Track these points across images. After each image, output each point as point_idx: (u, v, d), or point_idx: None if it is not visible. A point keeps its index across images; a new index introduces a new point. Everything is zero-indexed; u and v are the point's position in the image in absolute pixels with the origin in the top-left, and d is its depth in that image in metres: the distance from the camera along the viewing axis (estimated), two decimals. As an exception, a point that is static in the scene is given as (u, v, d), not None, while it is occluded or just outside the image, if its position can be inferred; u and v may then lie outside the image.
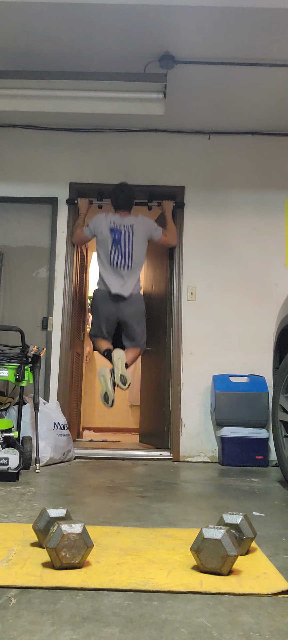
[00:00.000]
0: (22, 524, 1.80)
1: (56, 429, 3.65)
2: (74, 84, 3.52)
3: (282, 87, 3.90)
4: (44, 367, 4.18)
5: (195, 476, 3.31)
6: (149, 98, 3.59)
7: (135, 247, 3.99)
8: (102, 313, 3.98)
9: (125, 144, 4.59)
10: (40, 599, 1.13)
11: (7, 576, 1.25)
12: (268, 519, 2.04)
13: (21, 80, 3.51)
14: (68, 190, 4.52)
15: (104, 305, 3.98)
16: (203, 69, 3.69)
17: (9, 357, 3.29)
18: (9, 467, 2.83)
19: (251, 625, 1.03)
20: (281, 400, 2.87)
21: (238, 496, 2.58)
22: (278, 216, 4.49)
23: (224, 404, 4.02)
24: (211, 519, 2.00)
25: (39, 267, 4.45)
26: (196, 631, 0.99)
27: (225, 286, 4.41)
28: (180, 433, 4.24)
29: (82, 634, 0.97)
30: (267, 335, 4.07)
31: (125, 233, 4.00)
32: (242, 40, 3.39)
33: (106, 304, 3.97)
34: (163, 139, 4.59)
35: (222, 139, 4.58)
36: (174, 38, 3.40)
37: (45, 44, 3.48)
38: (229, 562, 1.28)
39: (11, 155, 4.58)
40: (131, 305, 3.96)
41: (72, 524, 1.31)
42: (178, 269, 4.44)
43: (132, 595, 1.17)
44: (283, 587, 1.23)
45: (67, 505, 2.16)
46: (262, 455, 3.96)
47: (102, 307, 3.98)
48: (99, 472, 3.33)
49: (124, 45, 3.47)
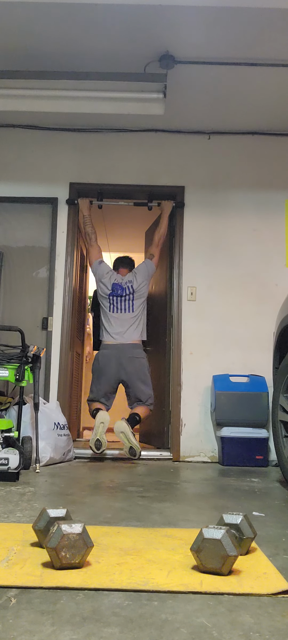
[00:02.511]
0: (22, 524, 1.80)
1: (56, 429, 3.65)
2: (74, 84, 3.52)
3: (282, 87, 3.91)
4: (44, 367, 4.18)
5: (195, 476, 3.31)
6: (149, 98, 3.59)
7: (136, 297, 4.17)
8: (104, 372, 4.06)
9: (125, 144, 4.59)
10: (40, 599, 1.13)
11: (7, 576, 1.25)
12: (268, 519, 2.04)
13: (21, 80, 3.51)
14: (68, 190, 4.52)
15: (106, 364, 4.06)
16: (203, 69, 3.69)
17: (9, 357, 3.29)
18: (9, 467, 2.83)
19: (251, 625, 1.03)
20: (281, 400, 2.87)
21: (238, 496, 2.58)
22: (278, 216, 4.49)
23: (224, 404, 4.02)
24: (211, 519, 2.00)
25: (39, 267, 4.45)
26: (196, 631, 0.99)
27: (225, 286, 4.41)
28: (180, 433, 4.24)
29: (82, 634, 0.97)
30: (267, 335, 4.07)
31: (126, 289, 4.20)
32: (242, 40, 3.39)
33: (108, 362, 4.05)
34: (163, 139, 4.59)
35: (222, 139, 4.58)
36: (174, 38, 3.40)
37: (45, 44, 3.48)
38: (229, 562, 1.28)
39: (11, 155, 4.58)
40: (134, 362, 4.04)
41: (72, 524, 1.31)
42: (178, 269, 4.44)
43: (132, 595, 1.17)
44: (283, 587, 1.23)
45: (67, 505, 2.16)
46: (262, 455, 3.96)
47: (104, 365, 4.07)
48: (99, 472, 3.33)
49: (124, 45, 3.47)
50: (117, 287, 4.21)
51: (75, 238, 4.52)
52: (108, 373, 4.05)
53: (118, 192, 4.59)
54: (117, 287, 4.20)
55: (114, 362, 4.04)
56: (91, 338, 5.63)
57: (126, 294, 4.18)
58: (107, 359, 4.06)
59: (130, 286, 4.20)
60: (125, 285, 4.21)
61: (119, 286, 4.21)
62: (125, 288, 4.20)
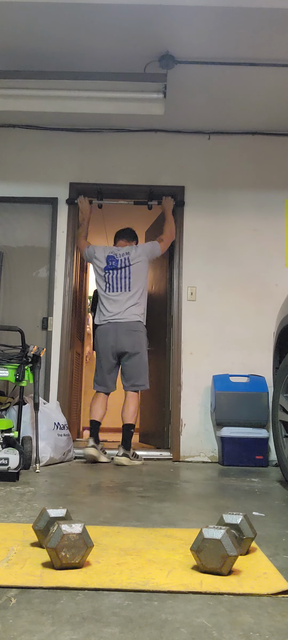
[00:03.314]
0: (22, 524, 1.80)
1: (56, 429, 3.65)
2: (74, 84, 3.53)
3: (282, 87, 3.91)
4: (44, 367, 4.18)
5: (195, 476, 3.31)
6: (149, 98, 3.59)
7: (133, 271, 3.94)
8: (102, 349, 3.92)
9: (125, 144, 4.59)
10: (40, 599, 1.13)
11: (7, 576, 1.25)
12: (268, 519, 2.04)
13: (21, 80, 3.51)
14: (68, 190, 4.52)
15: (103, 338, 3.92)
16: (203, 69, 3.69)
17: (9, 357, 3.29)
18: (9, 467, 2.83)
19: (251, 625, 1.03)
20: (281, 400, 2.87)
21: (238, 496, 2.58)
22: (278, 216, 4.49)
23: (224, 404, 4.02)
24: (211, 519, 2.00)
25: (39, 267, 4.45)
26: (196, 631, 0.99)
27: (225, 286, 4.41)
28: (180, 433, 4.24)
29: (82, 634, 0.97)
30: (267, 335, 4.07)
31: (122, 261, 3.98)
32: (242, 40, 3.39)
33: (105, 337, 3.90)
34: (163, 139, 4.59)
35: (222, 139, 4.58)
36: (174, 38, 3.40)
37: (45, 44, 3.48)
38: (229, 562, 1.27)
39: (11, 155, 4.58)
40: (132, 336, 3.85)
41: (72, 524, 1.31)
42: (178, 269, 4.44)
43: (132, 595, 1.17)
44: (283, 587, 1.23)
45: (67, 505, 2.16)
46: (262, 455, 3.96)
47: (101, 340, 3.93)
48: (99, 472, 3.33)
49: (124, 45, 3.47)
50: (111, 259, 3.99)
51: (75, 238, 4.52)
52: (105, 347, 3.89)
53: (118, 192, 4.59)
54: (111, 259, 3.98)
55: (110, 335, 3.87)
56: (91, 338, 5.63)
57: (121, 267, 3.94)
58: (104, 333, 3.91)
59: (126, 258, 3.96)
60: (121, 257, 3.98)
61: (113, 258, 3.98)
62: (120, 260, 3.97)
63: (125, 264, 3.96)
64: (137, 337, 3.87)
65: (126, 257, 3.98)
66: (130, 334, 3.86)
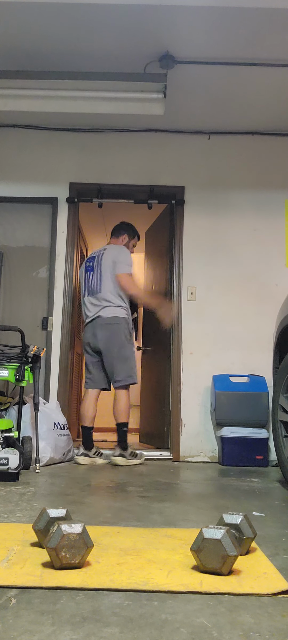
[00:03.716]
0: (22, 524, 1.80)
1: (56, 429, 3.65)
2: (74, 84, 3.52)
3: (282, 87, 3.91)
4: (44, 367, 4.18)
5: (195, 476, 3.31)
6: (149, 98, 3.59)
7: (103, 271, 3.84)
8: (83, 345, 3.94)
9: (125, 144, 4.59)
10: (40, 599, 1.13)
11: (7, 576, 1.25)
12: (268, 519, 2.04)
13: (21, 80, 3.51)
14: (68, 190, 4.52)
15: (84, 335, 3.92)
16: (203, 69, 3.69)
17: (9, 357, 3.29)
18: (9, 467, 2.83)
19: (251, 625, 1.03)
20: (281, 400, 2.87)
21: (238, 496, 2.58)
22: (278, 216, 4.49)
23: (224, 404, 4.02)
24: (211, 519, 2.00)
25: (39, 267, 4.45)
26: (196, 631, 0.99)
27: (225, 286, 4.41)
28: (180, 433, 4.24)
29: (82, 634, 0.97)
30: (267, 335, 4.07)
31: (97, 258, 3.93)
32: (242, 40, 3.39)
33: (85, 334, 3.91)
34: (163, 139, 4.59)
35: (222, 139, 4.58)
36: (174, 38, 3.40)
37: (45, 44, 3.48)
38: (229, 562, 1.28)
39: (11, 155, 4.58)
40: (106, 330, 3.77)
41: (72, 524, 1.31)
42: (178, 269, 4.44)
43: (132, 595, 1.17)
44: (283, 587, 1.23)
45: (67, 505, 2.16)
46: (262, 455, 3.96)
47: (84, 338, 3.93)
48: (99, 472, 3.33)
49: (124, 45, 3.47)
50: (88, 260, 3.98)
51: (75, 238, 4.53)
52: (84, 343, 3.91)
53: (118, 192, 4.59)
54: (88, 261, 3.97)
55: (89, 332, 3.84)
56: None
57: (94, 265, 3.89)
58: (85, 333, 3.90)
59: (100, 255, 3.90)
60: (97, 254, 3.94)
61: (90, 259, 3.97)
62: (95, 257, 3.92)
63: (98, 262, 3.89)
64: (112, 330, 3.76)
65: (100, 255, 3.92)
66: (105, 328, 3.77)
